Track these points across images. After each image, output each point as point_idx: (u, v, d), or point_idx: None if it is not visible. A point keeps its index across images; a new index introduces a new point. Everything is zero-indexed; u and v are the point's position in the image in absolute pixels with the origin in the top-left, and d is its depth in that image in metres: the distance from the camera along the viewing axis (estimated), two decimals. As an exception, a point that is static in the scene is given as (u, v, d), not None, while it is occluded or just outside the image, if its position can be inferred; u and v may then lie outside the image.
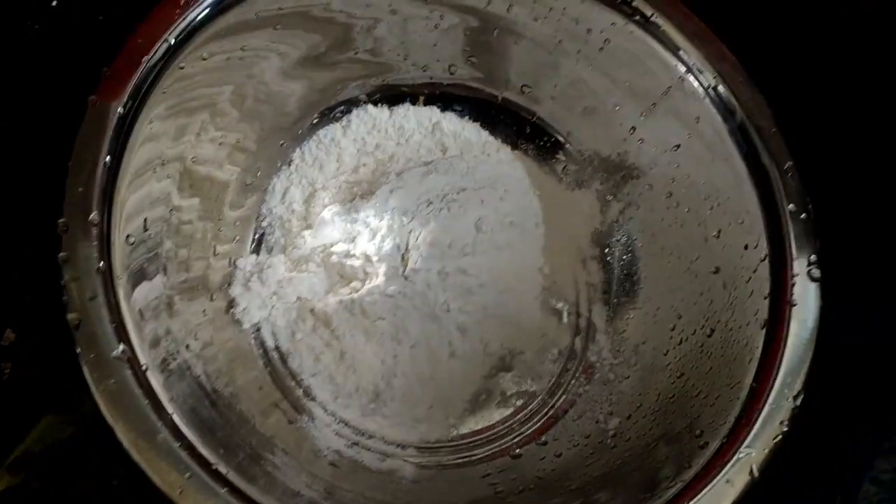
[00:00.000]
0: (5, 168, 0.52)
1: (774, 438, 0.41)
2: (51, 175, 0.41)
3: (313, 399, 0.52)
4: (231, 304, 0.52)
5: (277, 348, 0.53)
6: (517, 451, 0.53)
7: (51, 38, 0.55)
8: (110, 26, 0.55)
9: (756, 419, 0.41)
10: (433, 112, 0.60)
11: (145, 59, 0.43)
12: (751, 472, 0.40)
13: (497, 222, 0.55)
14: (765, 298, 0.45)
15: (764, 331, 0.44)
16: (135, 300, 0.41)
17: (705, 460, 0.42)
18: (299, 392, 0.53)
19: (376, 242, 0.54)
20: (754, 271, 0.47)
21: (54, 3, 0.57)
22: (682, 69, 0.50)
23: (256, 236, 0.56)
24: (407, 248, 0.53)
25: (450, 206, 0.54)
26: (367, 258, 0.54)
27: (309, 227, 0.56)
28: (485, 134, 0.60)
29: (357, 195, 0.57)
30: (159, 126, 0.45)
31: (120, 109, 0.42)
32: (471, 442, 0.54)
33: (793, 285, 0.44)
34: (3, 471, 0.47)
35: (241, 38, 0.49)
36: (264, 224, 0.57)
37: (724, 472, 0.41)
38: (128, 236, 0.42)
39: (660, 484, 0.42)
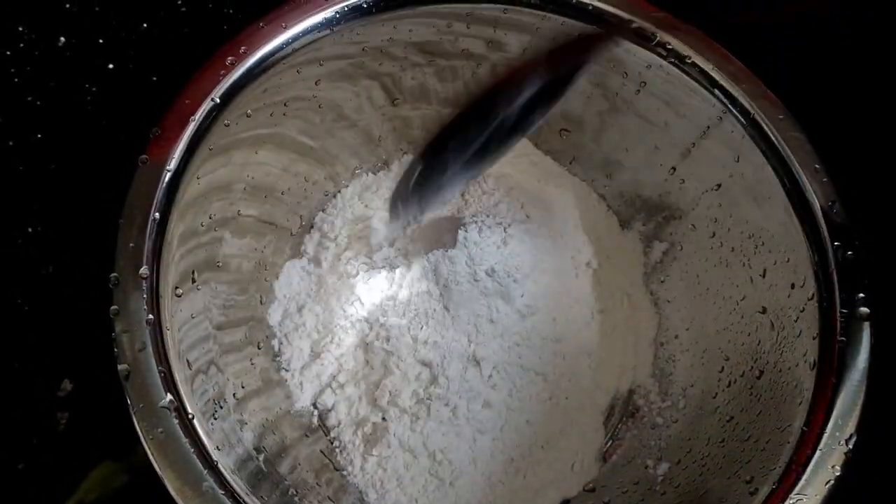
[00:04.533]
0: (68, 222, 0.55)
1: (826, 484, 0.39)
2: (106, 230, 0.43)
3: (359, 446, 0.53)
4: (276, 355, 0.53)
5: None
6: (565, 498, 0.52)
7: (106, 99, 0.58)
8: (164, 87, 0.58)
9: (807, 464, 0.40)
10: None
11: (192, 118, 0.45)
12: (803, 519, 0.39)
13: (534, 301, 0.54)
14: (814, 338, 0.44)
15: (814, 372, 0.43)
16: (182, 350, 0.42)
17: (756, 508, 0.41)
18: (345, 439, 0.53)
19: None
20: (802, 311, 0.45)
21: (111, 67, 0.60)
22: (721, 108, 0.49)
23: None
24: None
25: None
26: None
27: (352, 277, 0.57)
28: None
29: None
30: (206, 181, 0.47)
31: (168, 168, 0.44)
32: (517, 488, 0.53)
33: (842, 324, 0.43)
34: (59, 519, 0.48)
35: (283, 92, 0.50)
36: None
37: (774, 520, 0.39)
38: (176, 288, 0.43)
39: (710, 533, 0.41)
